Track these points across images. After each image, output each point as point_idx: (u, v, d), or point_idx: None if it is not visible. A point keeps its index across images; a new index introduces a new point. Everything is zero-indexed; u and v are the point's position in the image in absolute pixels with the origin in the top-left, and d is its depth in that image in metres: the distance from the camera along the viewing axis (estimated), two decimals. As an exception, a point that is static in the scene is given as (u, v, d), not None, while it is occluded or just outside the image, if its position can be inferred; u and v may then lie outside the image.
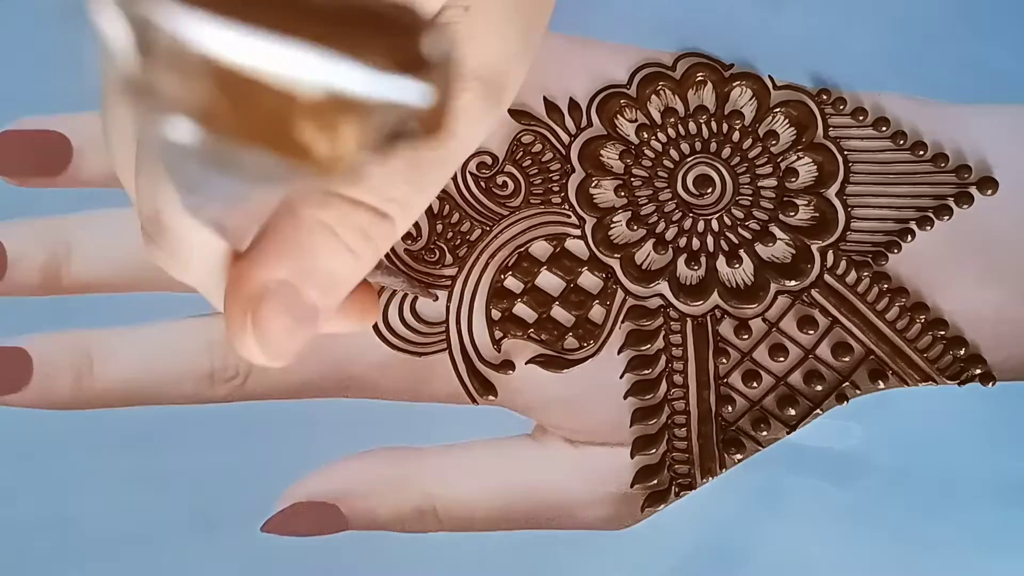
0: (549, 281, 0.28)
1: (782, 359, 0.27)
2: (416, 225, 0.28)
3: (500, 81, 0.19)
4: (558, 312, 0.28)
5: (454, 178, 0.29)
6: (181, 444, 0.27)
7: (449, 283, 0.28)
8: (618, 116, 0.29)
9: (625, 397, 0.27)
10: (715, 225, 0.28)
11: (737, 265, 0.28)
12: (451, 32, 0.18)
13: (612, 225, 0.28)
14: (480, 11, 0.19)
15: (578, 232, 0.28)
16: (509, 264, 0.28)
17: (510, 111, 0.29)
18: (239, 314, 0.17)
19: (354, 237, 0.17)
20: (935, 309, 0.28)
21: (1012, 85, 0.29)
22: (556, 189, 0.29)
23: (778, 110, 0.29)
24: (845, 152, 0.29)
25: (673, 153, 0.29)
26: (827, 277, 0.28)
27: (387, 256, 0.28)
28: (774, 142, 0.29)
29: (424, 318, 0.28)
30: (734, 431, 0.27)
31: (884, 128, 0.29)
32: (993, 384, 0.27)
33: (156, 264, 0.19)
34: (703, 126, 0.29)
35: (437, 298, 0.27)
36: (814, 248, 0.28)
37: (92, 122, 0.28)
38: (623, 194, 0.29)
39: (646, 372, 0.27)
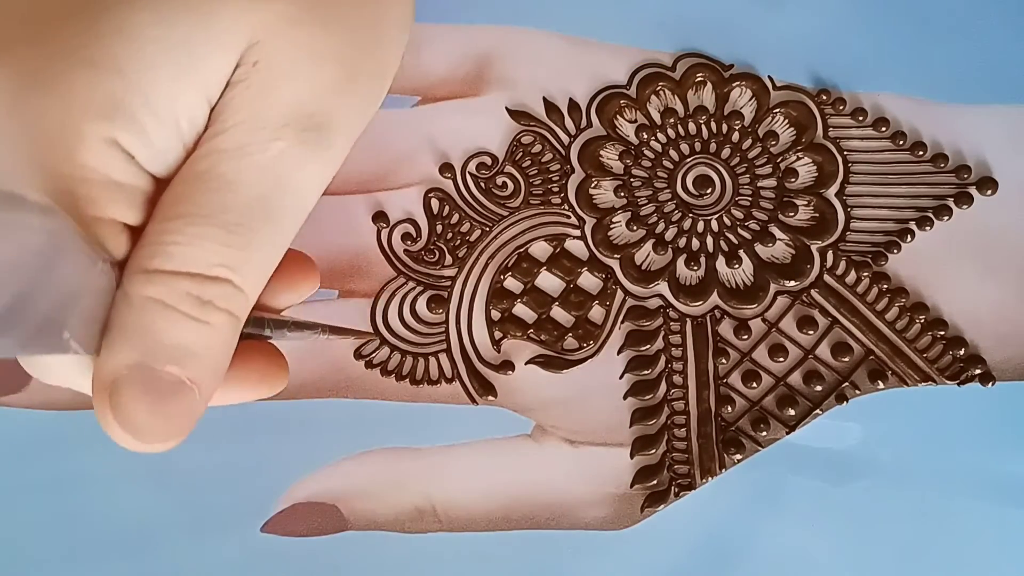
0: (549, 282, 0.28)
1: (782, 359, 0.27)
2: (416, 226, 0.28)
3: (319, 121, 0.19)
4: (558, 312, 0.28)
5: (454, 179, 0.29)
6: (181, 444, 0.27)
7: (449, 284, 0.28)
8: (618, 116, 0.29)
9: (625, 397, 0.27)
10: (715, 225, 0.28)
11: (737, 265, 0.28)
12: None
13: (612, 225, 0.28)
14: (271, 61, 0.18)
15: (578, 233, 0.28)
16: (509, 265, 0.28)
17: (510, 112, 0.29)
18: (101, 408, 0.17)
19: (188, 304, 0.17)
20: (935, 309, 0.28)
21: (1012, 85, 0.29)
22: (556, 190, 0.29)
23: (778, 110, 0.29)
24: (845, 152, 0.29)
25: (673, 153, 0.29)
26: (827, 277, 0.28)
27: (387, 253, 0.28)
28: (774, 142, 0.29)
29: (424, 319, 0.28)
30: (734, 431, 0.27)
31: (884, 128, 0.29)
32: (993, 384, 0.27)
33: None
34: (703, 126, 0.29)
35: (373, 337, 0.27)
36: (814, 248, 0.28)
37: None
38: (623, 194, 0.29)
39: (646, 372, 0.27)
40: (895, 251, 0.28)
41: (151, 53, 0.17)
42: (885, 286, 0.28)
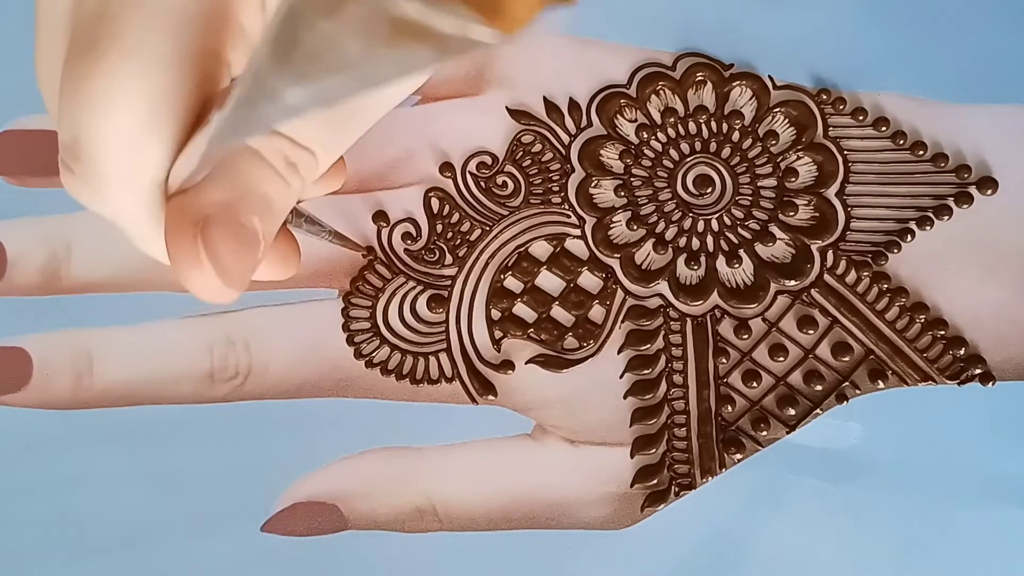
0: (549, 281, 0.28)
1: (782, 359, 0.27)
2: (416, 225, 0.28)
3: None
4: (558, 312, 0.28)
5: (454, 178, 0.29)
6: (181, 444, 0.27)
7: (449, 283, 0.28)
8: (618, 116, 0.29)
9: (625, 397, 0.27)
10: (715, 225, 0.28)
11: (737, 265, 0.28)
12: None
13: (612, 225, 0.28)
14: None
15: (578, 232, 0.28)
16: (509, 264, 0.28)
17: (510, 111, 0.29)
18: (188, 241, 0.17)
19: (280, 162, 0.18)
20: (935, 309, 0.27)
21: (1012, 85, 0.29)
22: (556, 189, 0.29)
23: (778, 110, 0.29)
24: (845, 152, 0.29)
25: (673, 153, 0.29)
26: (827, 277, 0.28)
27: (387, 253, 0.28)
28: (774, 142, 0.29)
29: (424, 318, 0.28)
30: (734, 431, 0.27)
31: (884, 128, 0.29)
32: (993, 384, 0.27)
33: (74, 196, 0.18)
34: (703, 126, 0.29)
35: (366, 252, 0.28)
36: (814, 248, 0.28)
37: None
38: (623, 194, 0.29)
39: (646, 372, 0.27)
40: (895, 251, 0.28)
41: None
42: (885, 286, 0.28)
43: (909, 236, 0.28)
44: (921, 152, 0.29)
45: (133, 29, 0.16)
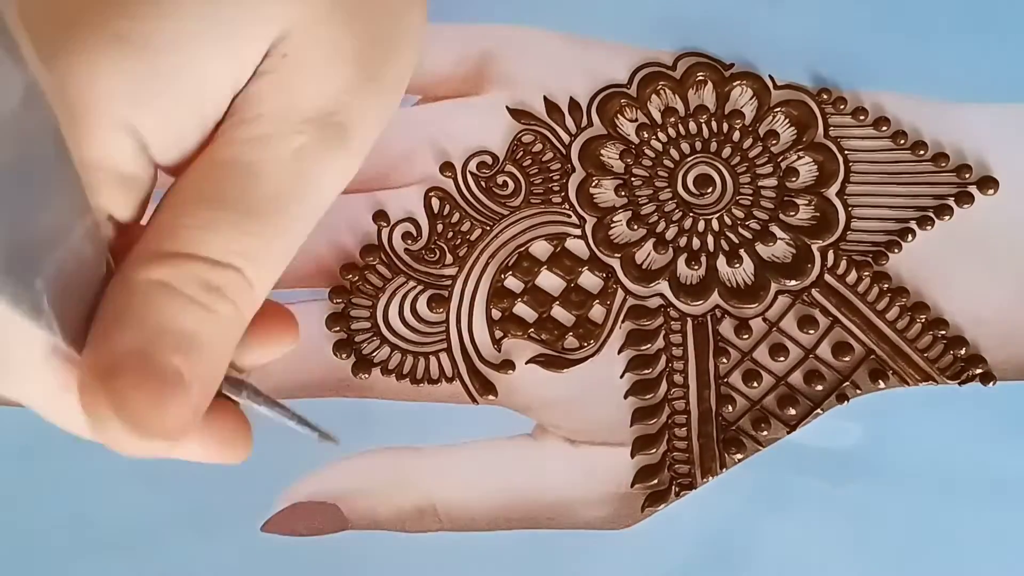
0: (549, 281, 0.28)
1: (782, 359, 0.27)
2: (416, 225, 0.28)
3: (339, 119, 0.19)
4: (558, 312, 0.28)
5: (454, 178, 0.29)
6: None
7: (449, 283, 0.28)
8: (618, 116, 0.29)
9: (625, 397, 0.27)
10: (715, 225, 0.28)
11: (737, 265, 0.28)
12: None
13: (612, 225, 0.28)
14: (299, 55, 0.18)
15: (578, 232, 0.28)
16: (509, 264, 0.28)
17: (510, 110, 0.29)
18: (94, 398, 0.16)
19: (197, 290, 0.16)
20: (935, 309, 0.27)
21: (1012, 85, 0.29)
22: (556, 189, 0.29)
23: (778, 110, 0.29)
24: (845, 152, 0.29)
25: (673, 153, 0.29)
26: (827, 277, 0.28)
27: (387, 252, 0.28)
28: (774, 142, 0.29)
29: (424, 318, 0.28)
30: (734, 431, 0.27)
31: (884, 128, 0.29)
32: (993, 384, 0.27)
33: None
34: (703, 126, 0.29)
35: (336, 442, 0.22)
36: (814, 248, 0.28)
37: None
38: (623, 194, 0.29)
39: (646, 372, 0.27)
40: (896, 250, 0.28)
41: (188, 31, 0.17)
42: (886, 285, 0.28)
43: (910, 236, 0.28)
44: (922, 152, 0.29)
45: None
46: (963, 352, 0.27)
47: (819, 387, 0.27)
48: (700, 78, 0.29)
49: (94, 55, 0.17)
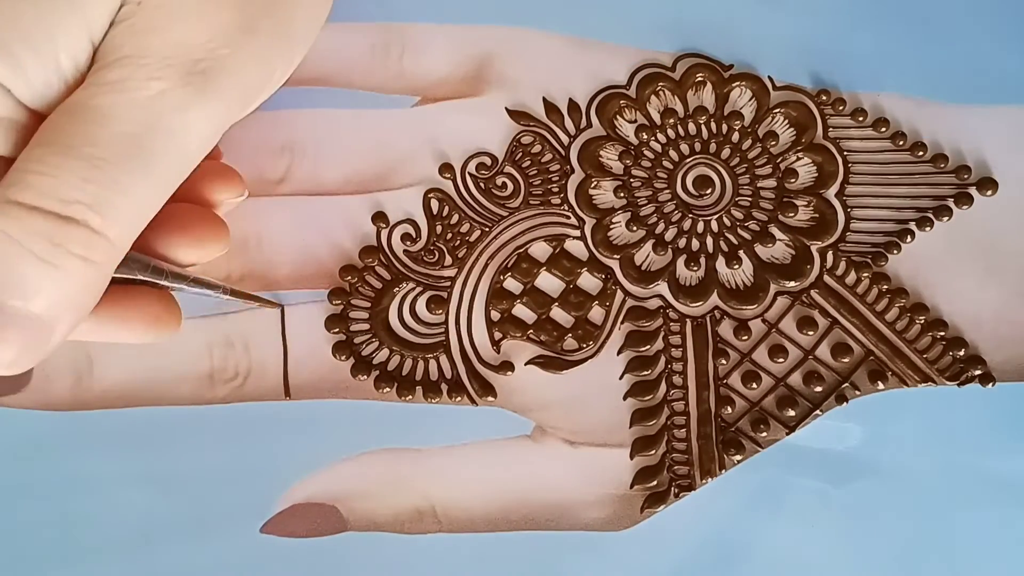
0: (548, 282, 0.28)
1: (781, 360, 0.27)
2: (415, 226, 0.28)
3: (207, 66, 0.19)
4: (557, 313, 0.28)
5: (453, 179, 0.29)
6: (181, 445, 0.27)
7: (449, 284, 0.28)
8: (617, 117, 0.29)
9: (624, 398, 0.27)
10: (714, 226, 0.28)
11: (736, 266, 0.28)
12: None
13: (611, 226, 0.28)
14: (154, 1, 0.18)
15: (577, 233, 0.28)
16: (508, 265, 0.28)
17: (510, 112, 0.29)
18: None
19: (41, 246, 0.17)
20: (935, 310, 0.27)
21: (1012, 85, 0.29)
22: (555, 190, 0.29)
23: (778, 111, 0.29)
24: (845, 153, 0.29)
25: (672, 154, 0.29)
26: (827, 278, 0.28)
27: (386, 254, 0.28)
28: (773, 143, 0.29)
29: (423, 319, 0.28)
30: (733, 432, 0.27)
31: (884, 128, 0.29)
32: (993, 385, 0.27)
33: None
34: (702, 127, 0.29)
35: (278, 307, 0.27)
36: (814, 249, 0.28)
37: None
38: (622, 195, 0.29)
39: (645, 373, 0.27)
40: (895, 252, 0.28)
41: None
42: (885, 287, 0.28)
43: (909, 237, 0.28)
44: (921, 153, 0.29)
45: None
46: (962, 353, 0.27)
47: (818, 388, 0.27)
48: (699, 79, 0.29)
49: None
